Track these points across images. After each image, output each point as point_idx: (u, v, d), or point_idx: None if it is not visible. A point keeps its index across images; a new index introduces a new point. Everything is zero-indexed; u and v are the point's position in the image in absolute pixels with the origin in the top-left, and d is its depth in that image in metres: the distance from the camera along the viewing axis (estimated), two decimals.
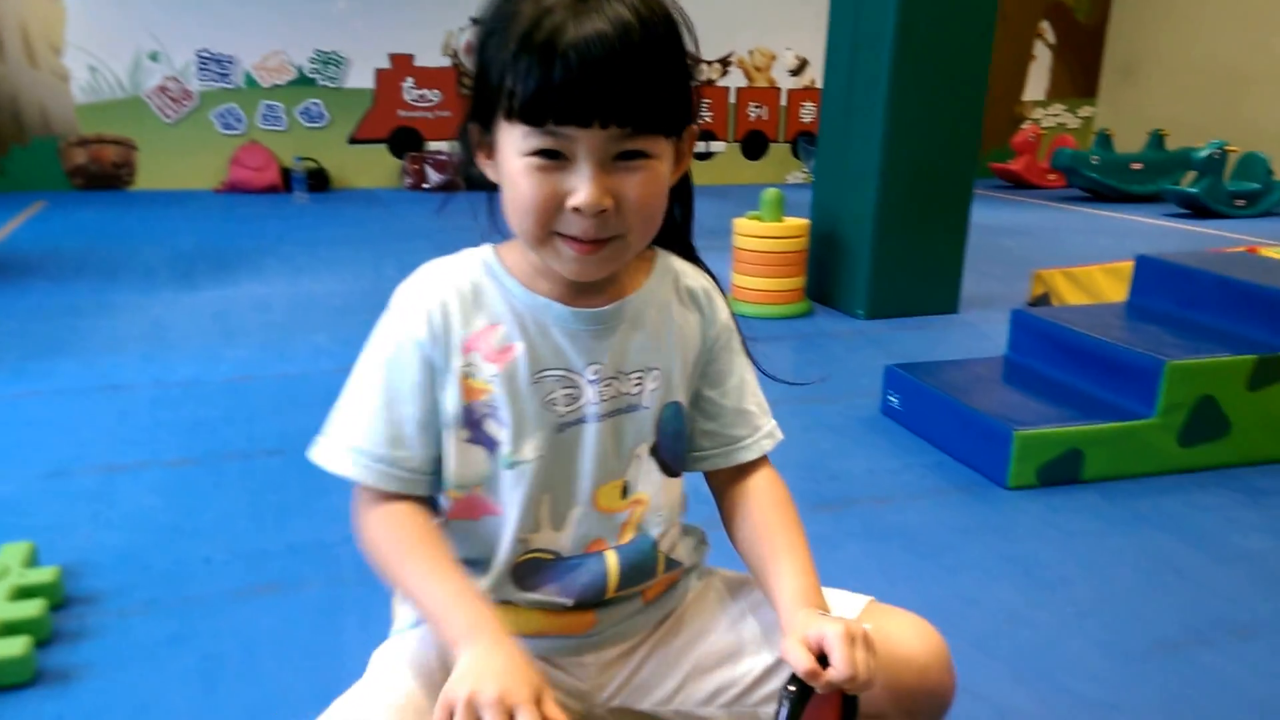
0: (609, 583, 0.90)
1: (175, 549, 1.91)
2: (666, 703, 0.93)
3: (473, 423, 0.87)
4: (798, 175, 9.31)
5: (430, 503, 0.89)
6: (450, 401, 0.86)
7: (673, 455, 0.94)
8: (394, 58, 7.82)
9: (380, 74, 7.83)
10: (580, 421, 0.88)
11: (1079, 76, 10.12)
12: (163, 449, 2.41)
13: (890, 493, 2.25)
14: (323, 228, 5.91)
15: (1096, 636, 1.67)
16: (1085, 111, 10.23)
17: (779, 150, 9.27)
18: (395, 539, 0.85)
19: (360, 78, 7.81)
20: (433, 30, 7.85)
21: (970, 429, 2.36)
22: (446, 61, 7.97)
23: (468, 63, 0.83)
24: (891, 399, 2.70)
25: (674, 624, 0.96)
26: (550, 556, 0.89)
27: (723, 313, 0.96)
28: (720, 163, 9.11)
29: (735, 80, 8.98)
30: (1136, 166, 8.02)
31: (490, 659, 0.72)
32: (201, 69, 7.44)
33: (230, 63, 7.51)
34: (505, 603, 0.90)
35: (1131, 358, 2.36)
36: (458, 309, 0.86)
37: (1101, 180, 7.92)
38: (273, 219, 6.22)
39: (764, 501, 0.96)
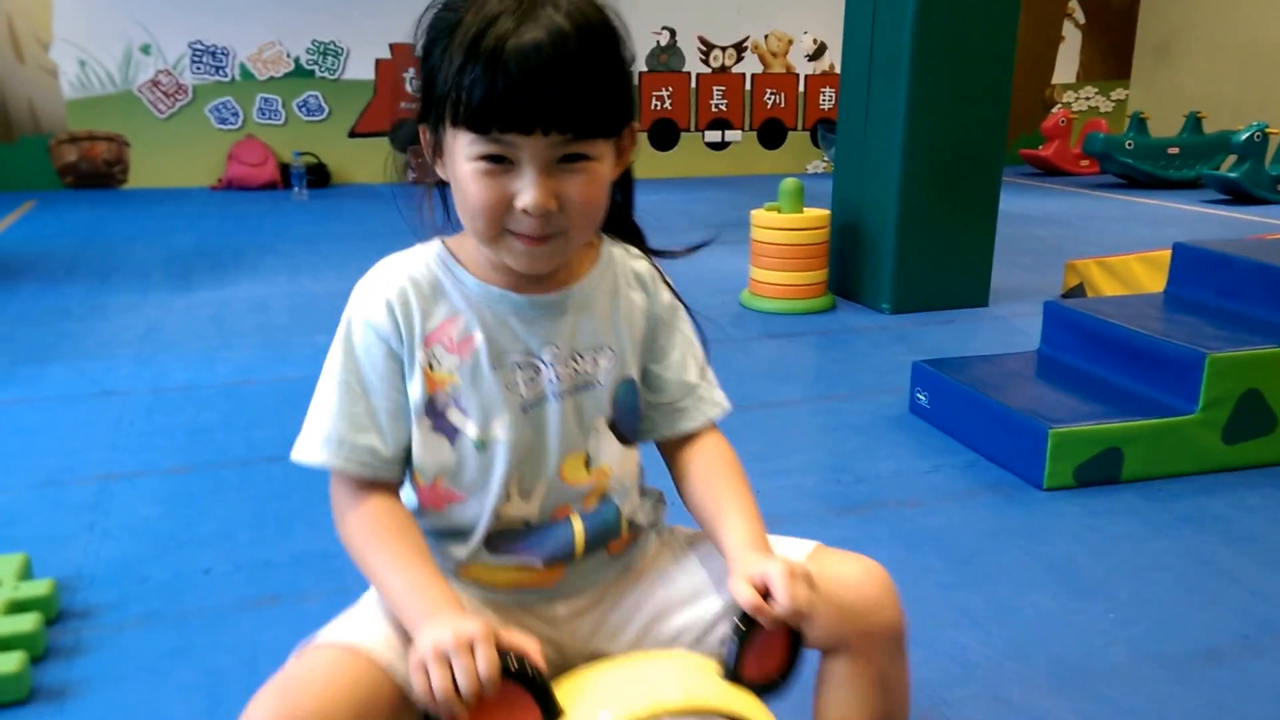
0: (576, 546, 1.00)
1: (174, 560, 1.91)
2: (635, 645, 1.02)
3: (436, 412, 0.95)
4: (818, 164, 9.29)
5: (394, 490, 0.98)
6: (415, 392, 0.94)
7: (629, 428, 1.03)
8: (394, 47, 7.84)
9: (380, 64, 7.85)
10: (542, 401, 0.97)
11: (1111, 57, 10.06)
12: (160, 456, 2.42)
13: (920, 495, 2.23)
14: (323, 224, 5.93)
15: (1139, 644, 1.65)
16: (1118, 94, 10.17)
17: (797, 138, 9.24)
18: (366, 530, 0.93)
19: (360, 68, 7.83)
20: None
21: (1003, 427, 2.35)
22: None
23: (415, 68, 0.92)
24: (920, 397, 2.69)
25: (637, 574, 1.06)
26: (521, 525, 0.98)
27: (665, 293, 1.07)
28: (736, 152, 9.10)
29: (751, 66, 8.96)
30: (1173, 151, 7.96)
31: (447, 622, 0.81)
32: (195, 62, 7.48)
33: (225, 55, 7.55)
34: (480, 564, 0.99)
35: (1171, 351, 2.34)
36: (417, 303, 0.94)
37: (1136, 165, 7.87)
38: (271, 216, 6.25)
39: (710, 463, 1.05)
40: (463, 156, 0.87)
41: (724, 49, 8.84)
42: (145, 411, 2.73)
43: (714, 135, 9.01)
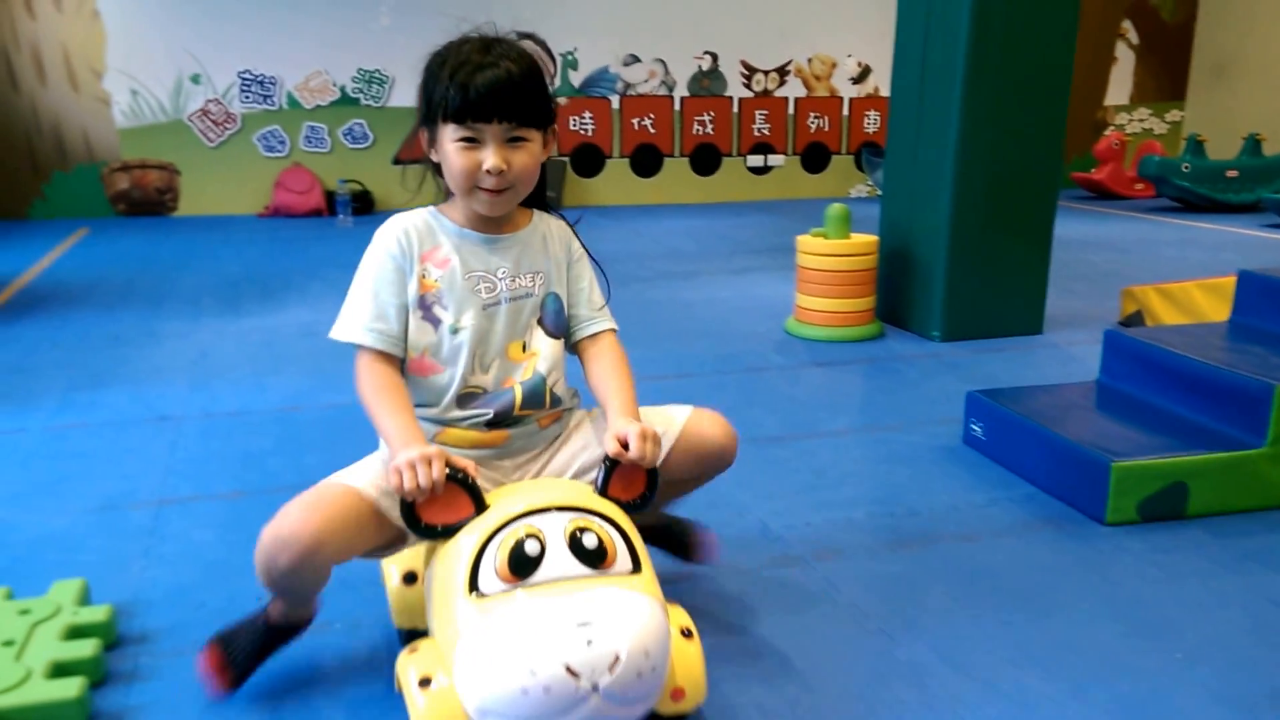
0: (515, 404, 1.55)
1: (228, 586, 1.95)
2: None
3: (425, 306, 1.52)
4: (862, 188, 9.27)
5: (401, 362, 1.53)
6: (412, 291, 1.52)
7: (555, 326, 1.61)
8: None
9: None
10: (497, 304, 1.54)
11: (1165, 78, 9.95)
12: (213, 481, 2.48)
13: (976, 529, 2.21)
14: None
15: (1206, 685, 1.62)
16: (1173, 115, 10.05)
17: (841, 162, 9.24)
18: (375, 389, 1.47)
19: (404, 96, 7.98)
20: (523, 36, 8.00)
21: (1063, 460, 2.32)
22: None
23: (420, 88, 1.51)
24: (974, 428, 2.67)
25: (563, 440, 1.64)
26: (480, 390, 1.55)
27: (575, 243, 1.68)
28: (778, 176, 9.12)
29: (794, 90, 8.99)
30: (1231, 174, 7.84)
31: (416, 447, 1.35)
32: (244, 91, 7.67)
33: (273, 84, 7.74)
34: (450, 424, 1.54)
35: (1238, 382, 2.30)
36: (416, 238, 1.53)
37: (1193, 189, 7.76)
38: (317, 243, 6.37)
39: (605, 360, 1.62)
40: (449, 140, 1.46)
41: (766, 73, 8.89)
42: (199, 437, 2.79)
43: (756, 159, 9.04)
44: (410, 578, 1.65)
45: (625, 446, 1.42)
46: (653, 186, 8.79)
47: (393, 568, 1.68)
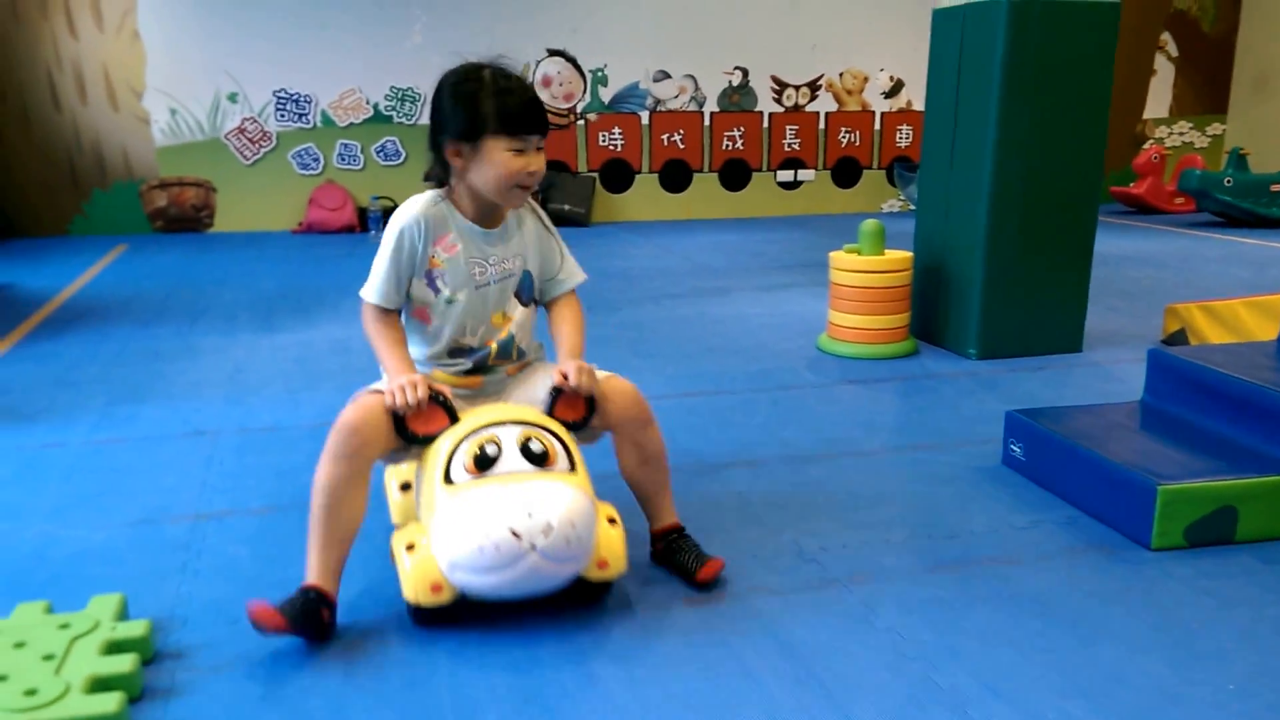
0: (490, 357, 2.03)
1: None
2: None
3: (429, 277, 1.97)
4: (894, 203, 9.23)
5: (398, 314, 2.00)
6: (420, 267, 1.95)
7: (526, 296, 2.06)
8: None
9: None
10: (487, 284, 1.99)
11: (1206, 91, 9.83)
12: (248, 497, 2.50)
13: (1018, 553, 2.18)
14: None
15: (1259, 717, 1.58)
16: (1214, 129, 9.92)
17: (873, 177, 9.21)
18: (379, 332, 1.95)
19: None
20: (509, 64, 8.06)
21: (1107, 483, 2.28)
22: None
23: (450, 109, 1.91)
24: (1014, 448, 2.63)
25: (527, 385, 2.07)
26: (466, 348, 2.02)
27: (546, 220, 2.11)
28: (809, 191, 9.10)
29: (825, 105, 8.97)
30: (1276, 188, 7.71)
31: (407, 375, 1.85)
32: (279, 109, 7.78)
33: (307, 102, 7.84)
34: (438, 368, 2.02)
35: None
36: (431, 224, 1.96)
37: (1236, 204, 7.64)
38: (350, 259, 6.43)
39: (562, 315, 2.08)
40: (500, 149, 1.87)
41: (797, 88, 8.88)
42: (234, 451, 2.81)
43: (786, 174, 9.03)
44: (405, 486, 2.14)
45: (568, 380, 1.91)
46: (682, 202, 8.80)
47: (393, 481, 2.18)
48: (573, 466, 1.84)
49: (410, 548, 1.81)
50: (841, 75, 8.95)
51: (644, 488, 2.07)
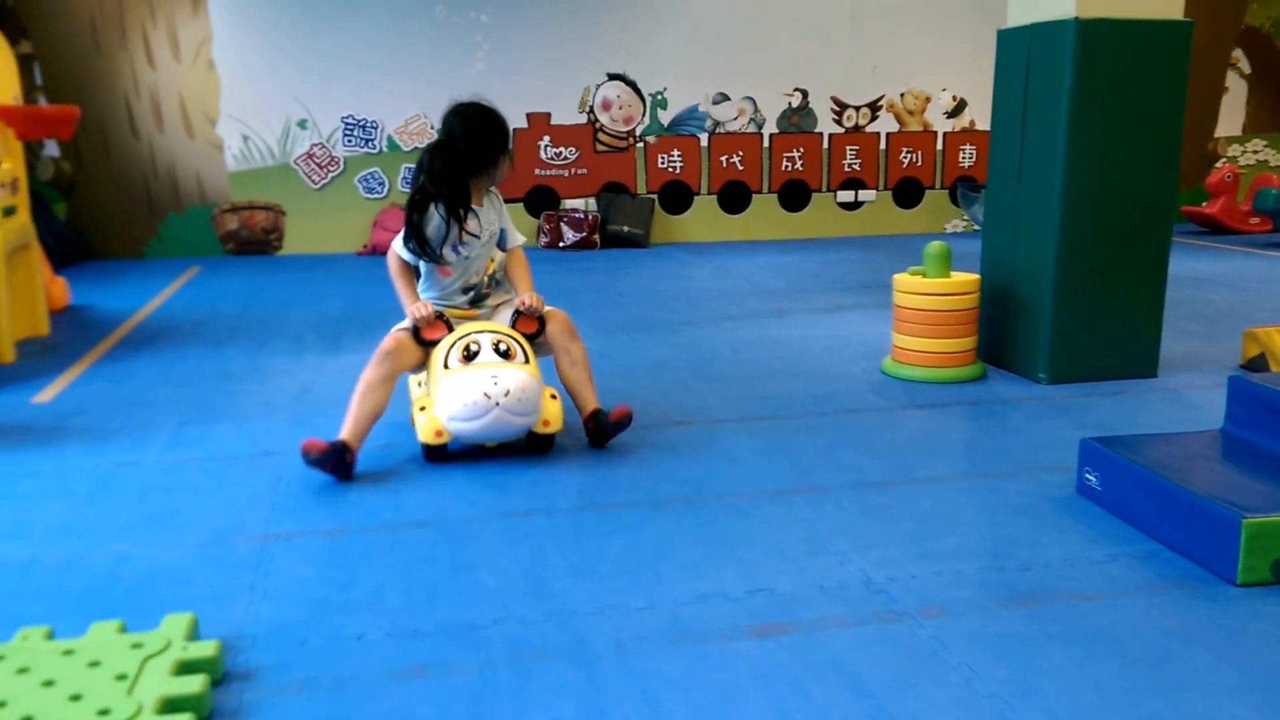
0: (483, 287, 3.17)
1: (329, 624, 1.97)
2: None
3: (454, 246, 2.98)
4: (957, 223, 9.09)
5: (415, 268, 3.08)
6: (451, 236, 2.96)
7: (499, 245, 3.16)
8: (531, 116, 8.14)
9: (517, 133, 8.16)
10: (484, 244, 3.07)
11: None
12: (315, 517, 2.52)
13: (1095, 588, 2.10)
14: None
15: None
16: None
17: (935, 197, 9.08)
18: (399, 275, 3.03)
19: None
20: (570, 88, 8.15)
21: (1188, 515, 2.19)
22: (583, 119, 8.23)
23: (469, 139, 2.97)
24: (1088, 477, 2.55)
25: (500, 314, 3.13)
26: (472, 285, 3.12)
27: (500, 198, 3.17)
28: (870, 212, 9.00)
29: (886, 125, 8.90)
30: None
31: (420, 303, 2.98)
32: (346, 135, 7.94)
33: (374, 128, 7.99)
34: (448, 304, 3.08)
35: None
36: (447, 206, 2.97)
37: None
38: None
39: (516, 264, 3.14)
40: (507, 163, 3.06)
41: (858, 108, 8.81)
42: (301, 472, 2.84)
43: (847, 195, 8.95)
44: (420, 384, 3.15)
45: (525, 305, 2.99)
46: (741, 223, 8.76)
47: (414, 382, 3.24)
48: (527, 360, 2.89)
49: (422, 409, 2.91)
50: (903, 95, 8.86)
51: (573, 384, 3.04)
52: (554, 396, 2.94)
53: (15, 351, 4.34)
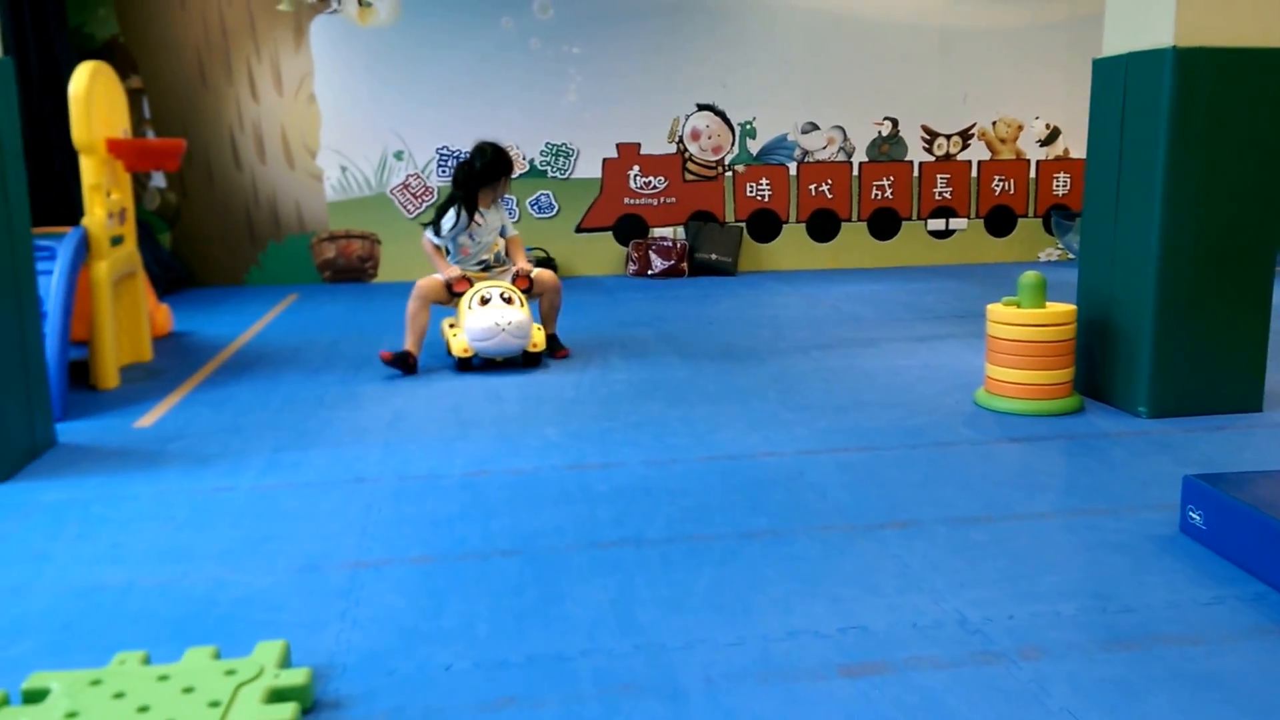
0: (491, 262, 5.02)
1: (418, 654, 1.99)
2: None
3: (471, 234, 4.90)
4: (1052, 252, 8.86)
5: (445, 248, 4.96)
6: (463, 224, 4.85)
7: (501, 233, 5.05)
8: (621, 147, 8.23)
9: (607, 163, 8.26)
10: (491, 232, 4.97)
11: None
12: (405, 545, 2.56)
13: (1201, 631, 2.00)
14: None
15: None
16: None
17: (1028, 226, 8.87)
18: (432, 252, 4.93)
19: (588, 167, 8.26)
20: (660, 118, 8.22)
21: None
22: (672, 148, 8.28)
23: (480, 165, 4.84)
24: (1193, 515, 2.43)
25: (504, 275, 4.96)
26: (484, 259, 5.01)
27: (503, 206, 5.06)
28: (961, 241, 8.84)
29: (978, 153, 8.74)
30: None
31: (453, 268, 4.86)
32: (440, 165, 8.14)
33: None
34: (469, 271, 4.91)
35: None
36: (466, 208, 4.87)
37: None
38: None
39: (512, 245, 5.03)
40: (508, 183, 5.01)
41: (949, 137, 8.68)
42: (392, 499, 2.90)
43: (937, 223, 8.80)
44: (451, 325, 4.83)
45: (520, 271, 4.77)
46: (829, 251, 8.68)
47: (446, 323, 4.92)
48: (522, 305, 4.58)
49: (451, 325, 4.79)
50: (995, 124, 8.70)
51: (547, 316, 4.89)
52: (539, 328, 4.67)
53: (120, 377, 4.54)
